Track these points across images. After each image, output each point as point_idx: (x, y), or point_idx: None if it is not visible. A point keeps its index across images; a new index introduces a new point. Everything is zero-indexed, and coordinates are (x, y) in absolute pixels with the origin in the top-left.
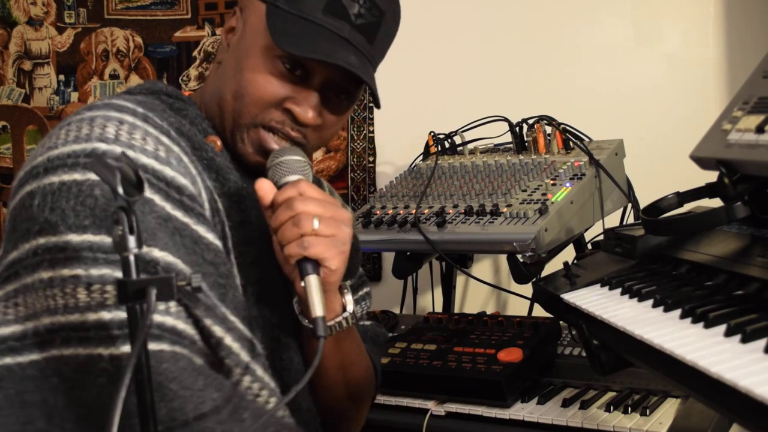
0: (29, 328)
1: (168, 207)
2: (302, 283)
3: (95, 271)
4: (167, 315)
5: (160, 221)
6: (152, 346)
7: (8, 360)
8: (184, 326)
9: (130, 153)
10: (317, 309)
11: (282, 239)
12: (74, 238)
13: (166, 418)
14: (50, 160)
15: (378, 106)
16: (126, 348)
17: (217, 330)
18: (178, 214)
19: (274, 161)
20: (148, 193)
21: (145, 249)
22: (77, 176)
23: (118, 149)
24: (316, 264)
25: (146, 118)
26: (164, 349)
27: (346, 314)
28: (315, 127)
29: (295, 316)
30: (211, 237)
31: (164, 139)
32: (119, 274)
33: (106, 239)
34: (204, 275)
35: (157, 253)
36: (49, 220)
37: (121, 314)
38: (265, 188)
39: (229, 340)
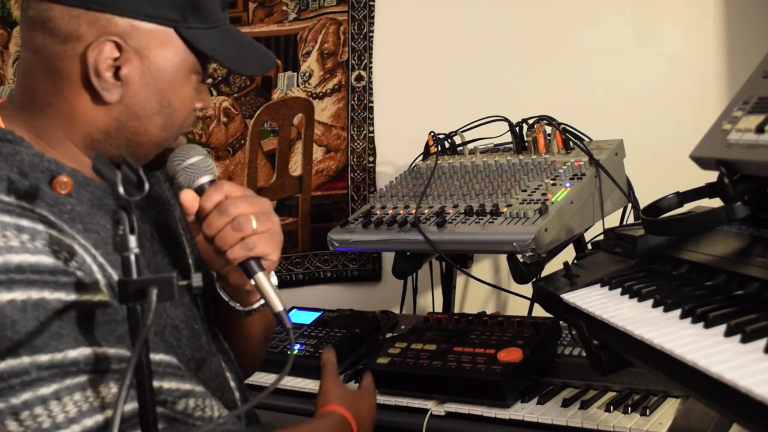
0: None
1: (62, 296)
2: (252, 282)
3: (15, 400)
4: (106, 409)
5: (62, 316)
6: None
7: None
8: (127, 408)
9: (11, 257)
10: (277, 305)
11: (222, 245)
12: None
13: None
14: None
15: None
16: None
17: (155, 383)
18: (72, 297)
19: (180, 165)
20: (36, 293)
21: (57, 356)
22: None
23: None
24: (259, 260)
25: None
26: None
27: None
28: None
29: (200, 307)
30: (99, 297)
31: (24, 222)
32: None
33: (26, 360)
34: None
35: (72, 353)
36: None
37: (87, 422)
38: (189, 199)
39: (166, 383)
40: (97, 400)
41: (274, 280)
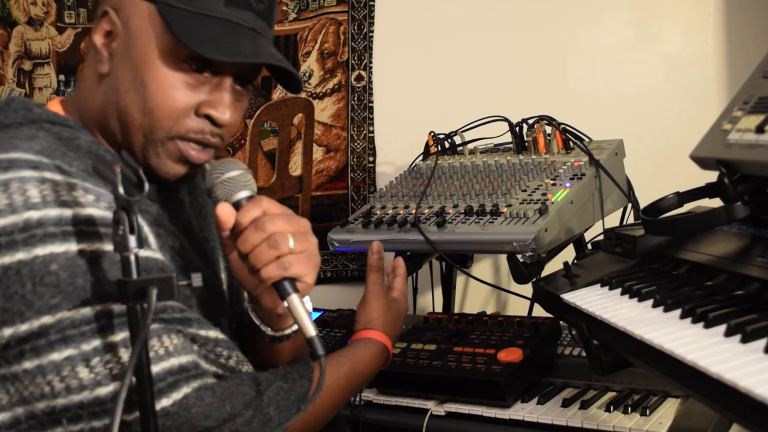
0: (20, 414)
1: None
2: (285, 304)
3: (87, 346)
4: (171, 356)
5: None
6: (174, 396)
7: None
8: (186, 357)
9: (66, 213)
10: (310, 329)
11: (257, 262)
12: (48, 320)
13: None
14: None
15: (299, 90)
16: (137, 413)
17: (202, 332)
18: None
19: (219, 179)
20: (108, 245)
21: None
22: (22, 256)
23: (53, 212)
24: (294, 282)
25: (60, 168)
26: (187, 393)
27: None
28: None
29: (236, 331)
30: (159, 256)
31: (89, 184)
32: (113, 338)
33: (85, 310)
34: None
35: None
36: (10, 309)
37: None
38: (225, 213)
39: (206, 333)
40: (161, 349)
41: (309, 305)
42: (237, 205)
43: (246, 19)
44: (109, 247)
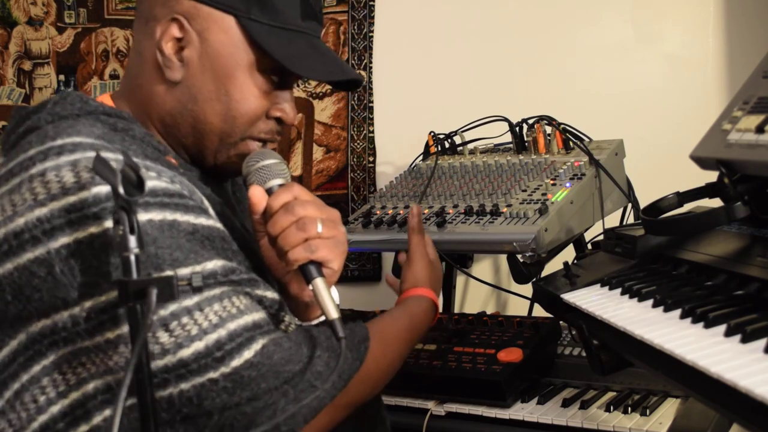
0: (109, 381)
1: (191, 218)
2: (310, 287)
3: (206, 294)
4: (244, 314)
5: (189, 237)
6: (255, 347)
7: (105, 413)
8: (259, 314)
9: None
10: (332, 312)
11: (285, 244)
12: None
13: (309, 381)
14: (49, 220)
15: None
16: (236, 362)
17: (267, 294)
18: (202, 220)
19: (254, 166)
20: (170, 215)
21: (197, 268)
22: (93, 229)
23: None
24: (320, 266)
25: (120, 150)
26: (265, 343)
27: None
28: None
29: None
30: (220, 225)
31: (149, 163)
32: (187, 302)
33: (169, 273)
34: (239, 261)
35: (210, 265)
36: (88, 282)
37: (215, 335)
38: (258, 195)
39: (270, 294)
40: (234, 308)
41: (336, 296)
42: (270, 192)
43: (316, 30)
44: (177, 214)
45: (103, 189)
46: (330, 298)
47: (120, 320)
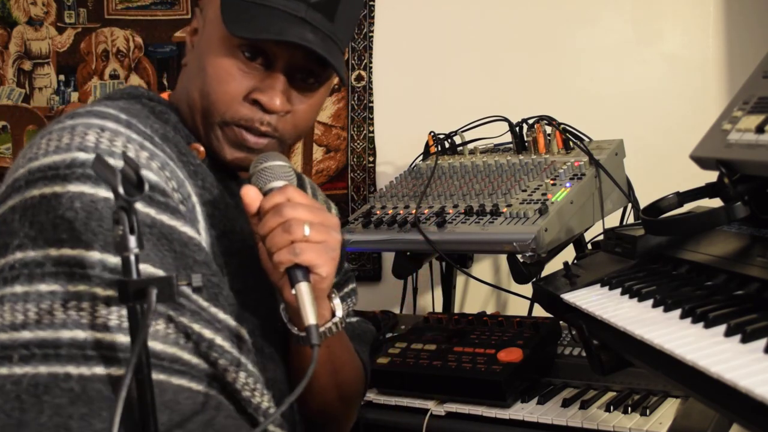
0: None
1: (152, 212)
2: (293, 291)
3: (72, 288)
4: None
5: (144, 229)
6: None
7: None
8: (173, 350)
9: (110, 160)
10: (310, 317)
11: (271, 246)
12: (52, 252)
13: None
14: (31, 173)
15: (344, 84)
16: (98, 369)
17: (207, 333)
18: (164, 218)
19: (258, 167)
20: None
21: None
22: (57, 188)
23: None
24: (307, 271)
25: (129, 125)
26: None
27: (335, 319)
28: (286, 115)
29: (279, 327)
30: (199, 237)
31: (148, 144)
32: (99, 291)
33: (84, 254)
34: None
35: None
36: (29, 234)
37: (96, 334)
38: (251, 195)
39: (219, 339)
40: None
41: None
42: (268, 194)
43: (297, 10)
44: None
45: (81, 155)
46: (312, 304)
47: (33, 277)
